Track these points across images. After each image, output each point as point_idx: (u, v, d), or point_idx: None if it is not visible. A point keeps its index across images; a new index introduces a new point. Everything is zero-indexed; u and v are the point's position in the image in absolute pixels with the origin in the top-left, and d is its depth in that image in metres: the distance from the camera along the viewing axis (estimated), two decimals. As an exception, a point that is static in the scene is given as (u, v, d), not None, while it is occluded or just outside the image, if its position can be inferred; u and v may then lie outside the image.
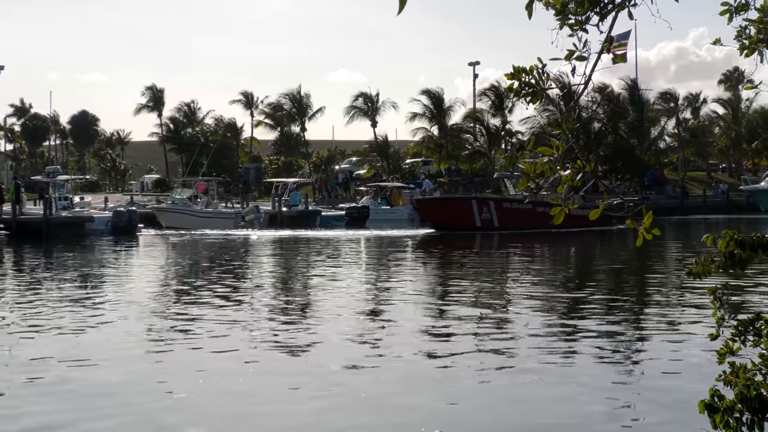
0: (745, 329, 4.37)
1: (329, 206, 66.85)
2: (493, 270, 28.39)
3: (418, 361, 13.02)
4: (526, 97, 4.23)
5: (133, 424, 9.81)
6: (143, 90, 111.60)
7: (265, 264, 31.58)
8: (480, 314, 17.72)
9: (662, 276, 25.78)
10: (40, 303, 19.45)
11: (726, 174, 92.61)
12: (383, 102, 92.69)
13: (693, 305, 18.09)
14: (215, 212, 54.87)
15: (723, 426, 4.21)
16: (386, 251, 36.60)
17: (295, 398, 10.80)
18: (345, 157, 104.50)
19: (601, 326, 15.84)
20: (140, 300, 20.14)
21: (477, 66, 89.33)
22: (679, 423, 9.50)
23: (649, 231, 4.25)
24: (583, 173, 4.35)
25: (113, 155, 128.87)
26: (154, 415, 10.15)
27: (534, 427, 9.71)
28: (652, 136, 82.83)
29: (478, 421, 9.91)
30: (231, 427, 9.71)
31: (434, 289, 22.99)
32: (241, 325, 16.24)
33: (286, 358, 13.34)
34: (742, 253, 4.24)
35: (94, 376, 12.09)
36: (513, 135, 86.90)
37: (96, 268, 28.56)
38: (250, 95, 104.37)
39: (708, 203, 71.07)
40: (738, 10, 4.80)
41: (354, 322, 16.68)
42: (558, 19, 4.23)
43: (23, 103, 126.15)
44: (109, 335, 15.20)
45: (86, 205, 51.91)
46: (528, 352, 13.50)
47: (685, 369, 12.13)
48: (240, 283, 24.18)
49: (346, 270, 28.25)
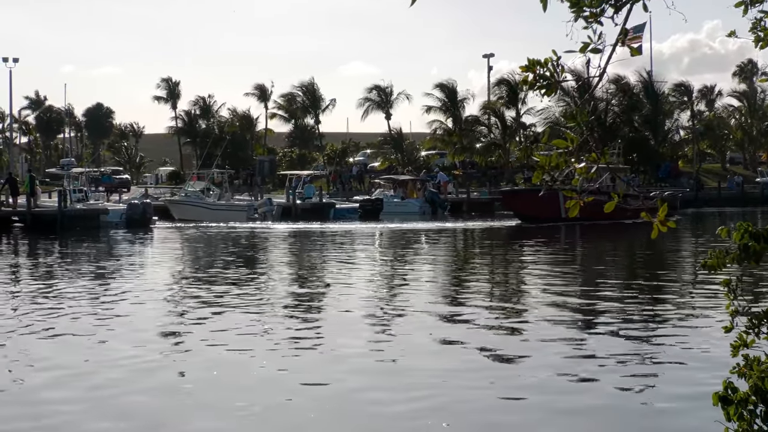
0: (759, 322, 4.37)
1: (343, 199, 66.92)
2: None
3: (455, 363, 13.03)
4: (541, 89, 4.23)
5: (142, 413, 9.88)
6: (159, 82, 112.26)
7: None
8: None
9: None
10: (54, 295, 19.57)
11: (741, 166, 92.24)
12: (397, 94, 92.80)
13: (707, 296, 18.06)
14: (227, 205, 55.04)
15: (737, 418, 4.21)
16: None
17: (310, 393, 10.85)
18: (359, 149, 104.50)
19: (618, 315, 15.84)
20: (154, 293, 20.21)
21: (491, 58, 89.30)
22: (693, 415, 9.50)
23: (664, 223, 4.26)
24: (597, 166, 4.36)
25: (128, 148, 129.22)
26: (163, 406, 10.23)
27: (536, 420, 9.71)
28: (666, 129, 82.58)
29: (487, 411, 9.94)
30: (240, 421, 9.75)
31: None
32: (271, 318, 16.30)
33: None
34: (757, 245, 4.23)
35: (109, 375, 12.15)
36: (527, 127, 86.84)
37: (109, 261, 28.70)
38: (264, 87, 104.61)
39: (723, 195, 70.87)
40: (753, 2, 4.79)
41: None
42: (573, 12, 4.23)
43: (38, 95, 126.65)
44: (124, 329, 15.27)
45: (101, 198, 52.13)
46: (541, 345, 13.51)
47: (699, 361, 12.10)
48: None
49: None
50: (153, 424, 9.59)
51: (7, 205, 47.35)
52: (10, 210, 46.80)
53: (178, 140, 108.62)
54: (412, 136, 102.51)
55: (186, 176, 79.81)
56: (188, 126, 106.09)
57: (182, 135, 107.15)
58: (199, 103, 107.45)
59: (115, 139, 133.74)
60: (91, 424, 9.61)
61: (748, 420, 4.19)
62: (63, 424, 9.64)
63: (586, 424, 9.50)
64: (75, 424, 9.61)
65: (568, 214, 4.55)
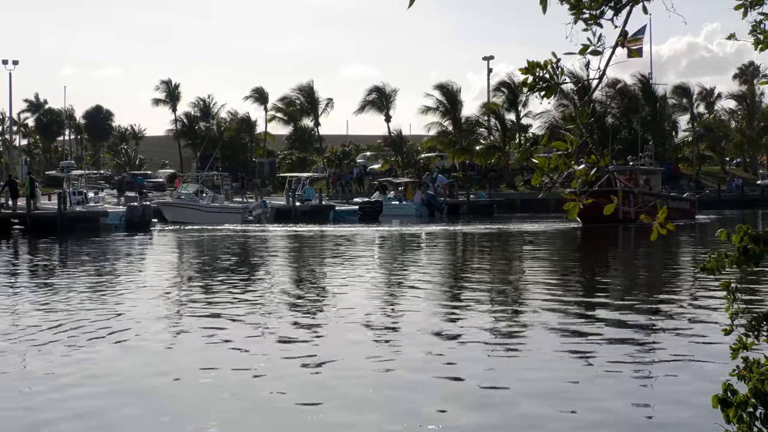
0: (759, 324, 4.37)
1: (343, 201, 66.96)
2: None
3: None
4: (541, 91, 4.24)
5: (141, 412, 9.88)
6: (158, 84, 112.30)
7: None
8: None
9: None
10: (55, 295, 19.57)
11: (740, 168, 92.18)
12: (397, 96, 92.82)
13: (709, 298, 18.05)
14: (221, 207, 54.85)
15: (736, 420, 4.21)
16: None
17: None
18: (359, 151, 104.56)
19: (618, 316, 15.84)
20: (154, 294, 20.20)
21: (491, 61, 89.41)
22: (693, 417, 9.49)
23: (663, 226, 4.27)
24: (597, 168, 4.36)
25: (127, 150, 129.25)
26: (163, 404, 10.23)
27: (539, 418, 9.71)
28: (665, 131, 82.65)
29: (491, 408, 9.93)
30: (239, 423, 9.75)
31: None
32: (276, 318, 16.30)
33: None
34: (756, 248, 4.23)
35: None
36: (527, 129, 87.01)
37: (109, 263, 28.69)
38: (263, 90, 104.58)
39: (723, 198, 70.99)
40: (753, 4, 4.79)
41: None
42: (572, 14, 4.23)
43: (38, 98, 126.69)
44: (120, 330, 15.26)
45: (100, 200, 52.11)
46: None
47: (699, 363, 12.10)
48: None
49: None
50: (152, 424, 9.59)
51: (7, 207, 47.35)
52: (10, 212, 46.80)
53: (178, 143, 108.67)
54: (411, 138, 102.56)
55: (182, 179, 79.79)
56: (188, 128, 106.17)
57: (182, 137, 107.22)
58: (199, 104, 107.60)
59: (115, 141, 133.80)
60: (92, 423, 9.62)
61: (747, 422, 4.19)
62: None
63: (585, 426, 9.48)
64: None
65: (568, 216, 4.55)
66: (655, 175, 55.58)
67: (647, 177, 54.18)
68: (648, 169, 55.48)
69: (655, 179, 55.04)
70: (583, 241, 40.83)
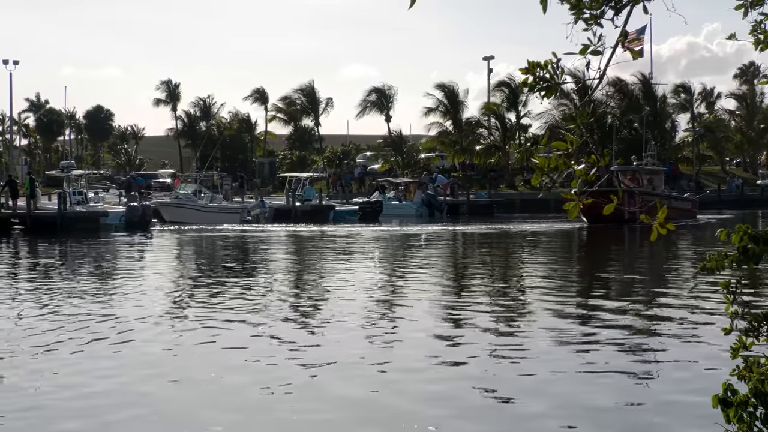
0: (759, 324, 4.37)
1: (343, 201, 66.95)
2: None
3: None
4: (541, 91, 4.24)
5: (139, 412, 9.89)
6: (158, 84, 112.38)
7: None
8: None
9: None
10: (55, 294, 19.56)
11: (740, 168, 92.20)
12: (397, 96, 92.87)
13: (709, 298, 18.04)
14: (219, 207, 54.74)
15: (737, 420, 4.21)
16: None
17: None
18: (359, 151, 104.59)
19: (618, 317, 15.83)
20: (155, 295, 20.19)
21: (491, 61, 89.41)
22: (693, 417, 9.49)
23: (663, 226, 4.27)
24: (597, 168, 4.36)
25: (128, 150, 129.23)
26: (161, 404, 10.23)
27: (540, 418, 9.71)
28: (666, 131, 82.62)
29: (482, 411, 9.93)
30: (239, 423, 9.75)
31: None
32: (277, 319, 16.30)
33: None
34: (756, 248, 4.23)
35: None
36: (527, 129, 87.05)
37: (108, 262, 28.69)
38: (263, 91, 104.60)
39: (723, 198, 71.01)
40: (753, 4, 4.79)
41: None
42: (573, 14, 4.23)
43: (38, 98, 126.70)
44: (118, 330, 15.26)
45: (101, 200, 52.07)
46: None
47: (699, 363, 12.10)
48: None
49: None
50: (153, 424, 9.59)
51: (7, 207, 47.35)
52: (10, 212, 46.79)
53: (178, 143, 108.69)
54: (412, 139, 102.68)
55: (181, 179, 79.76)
56: (188, 128, 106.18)
57: (182, 137, 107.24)
58: (199, 104, 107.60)
59: (115, 141, 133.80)
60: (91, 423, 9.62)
61: (747, 422, 4.19)
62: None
63: (586, 426, 9.48)
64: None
65: (568, 216, 4.54)
66: (659, 176, 55.62)
67: (650, 177, 54.17)
68: (651, 169, 55.48)
69: (658, 179, 55.08)
70: (586, 241, 40.82)
